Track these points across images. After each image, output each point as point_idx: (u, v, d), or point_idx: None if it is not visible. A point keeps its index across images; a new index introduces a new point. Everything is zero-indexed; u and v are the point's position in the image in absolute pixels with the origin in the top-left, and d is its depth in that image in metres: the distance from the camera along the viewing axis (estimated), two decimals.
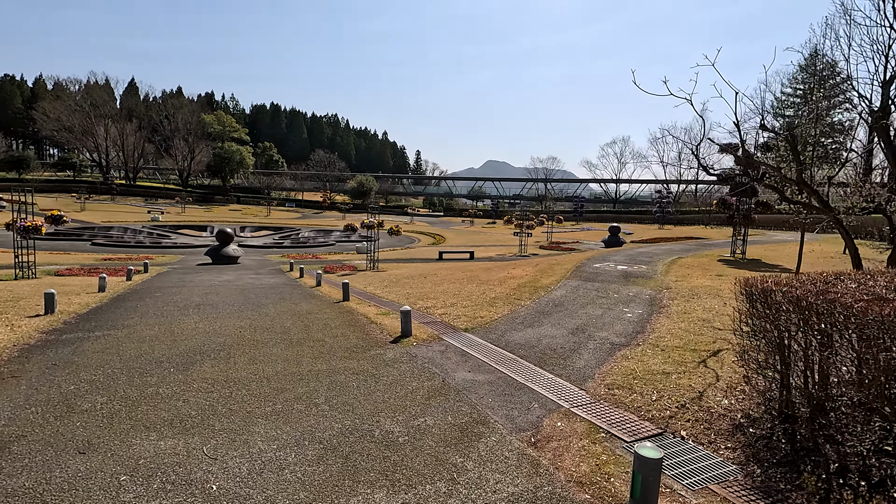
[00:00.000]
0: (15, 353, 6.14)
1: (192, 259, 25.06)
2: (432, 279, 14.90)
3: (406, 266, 22.00)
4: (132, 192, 72.54)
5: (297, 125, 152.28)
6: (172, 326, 7.88)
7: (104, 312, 9.08)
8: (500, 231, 54.67)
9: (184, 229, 45.86)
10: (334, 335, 7.48)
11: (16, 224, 15.49)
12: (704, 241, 29.11)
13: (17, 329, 7.30)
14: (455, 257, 26.71)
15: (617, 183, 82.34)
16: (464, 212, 75.69)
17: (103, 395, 4.80)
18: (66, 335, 7.14)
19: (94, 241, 32.29)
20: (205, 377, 5.41)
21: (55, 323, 7.96)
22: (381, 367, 5.96)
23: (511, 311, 9.21)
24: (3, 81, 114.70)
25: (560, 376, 5.81)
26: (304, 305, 10.27)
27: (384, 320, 8.60)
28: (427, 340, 7.28)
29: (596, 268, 14.48)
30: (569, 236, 43.78)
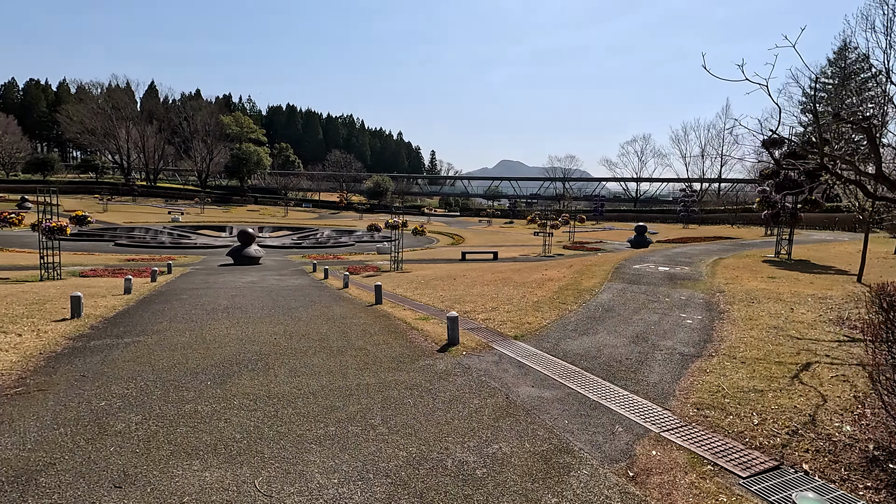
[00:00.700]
0: (41, 362, 5.72)
1: (214, 259, 24.88)
2: (463, 281, 14.33)
3: (430, 267, 21.47)
4: (153, 193, 73.40)
5: (312, 126, 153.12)
6: (203, 332, 7.44)
7: (131, 316, 8.70)
8: (518, 231, 53.88)
9: (203, 230, 46.07)
10: (376, 343, 6.95)
11: (41, 225, 15.33)
12: (738, 241, 28.03)
13: (44, 335, 6.91)
14: (478, 258, 26.11)
15: (637, 182, 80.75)
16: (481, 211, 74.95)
17: (138, 414, 4.32)
18: (94, 342, 6.73)
19: (117, 241, 32.44)
20: (245, 392, 4.91)
21: (82, 328, 7.58)
22: (435, 381, 5.39)
23: (559, 316, 8.58)
24: (28, 86, 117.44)
25: (636, 393, 5.18)
26: (336, 309, 9.77)
27: (425, 326, 8.05)
28: (476, 349, 6.70)
29: (636, 269, 13.75)
30: (591, 236, 42.84)
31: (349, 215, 71.80)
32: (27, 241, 29.34)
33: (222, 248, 32.34)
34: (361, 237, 42.42)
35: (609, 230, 50.67)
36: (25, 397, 4.61)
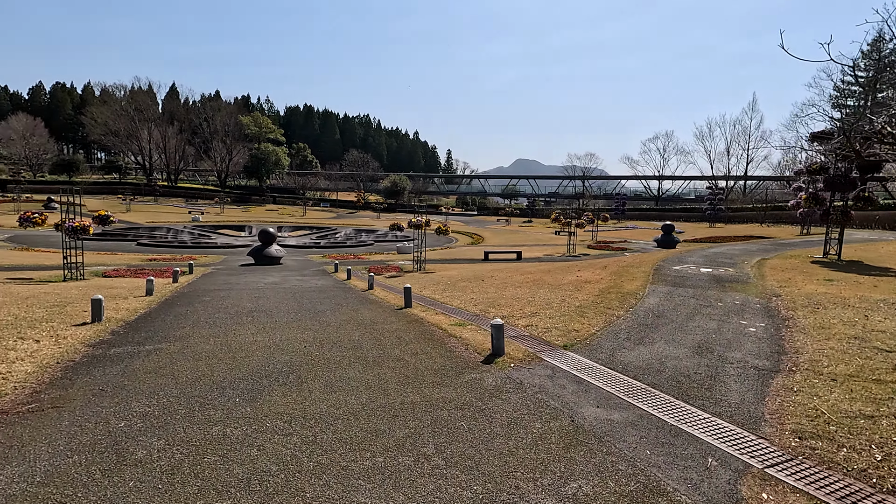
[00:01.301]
0: (58, 372, 5.29)
1: (235, 259, 24.69)
2: (492, 283, 13.72)
3: (453, 267, 20.90)
4: (174, 193, 74.31)
5: (329, 126, 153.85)
6: (228, 339, 6.97)
7: (153, 320, 8.30)
8: (538, 230, 52.95)
9: (223, 229, 46.26)
10: (414, 352, 6.39)
11: (64, 224, 15.19)
12: (774, 240, 26.83)
13: (63, 341, 6.52)
14: (501, 258, 25.45)
15: (660, 179, 78.81)
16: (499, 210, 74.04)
17: (160, 438, 3.82)
18: (115, 349, 6.30)
19: (139, 241, 32.59)
20: (278, 411, 4.38)
21: (102, 333, 7.19)
22: (487, 399, 4.80)
23: (607, 322, 7.92)
24: (54, 89, 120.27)
25: (718, 415, 4.52)
26: (364, 313, 9.25)
27: (463, 333, 7.46)
28: (524, 361, 6.09)
29: (677, 271, 12.97)
30: (614, 235, 41.77)
31: (367, 214, 71.66)
32: (52, 240, 29.60)
33: (242, 247, 32.25)
34: (381, 236, 42.07)
35: (632, 229, 49.43)
36: (38, 416, 4.16)
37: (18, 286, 12.57)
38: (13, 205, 47.86)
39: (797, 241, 24.91)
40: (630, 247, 31.93)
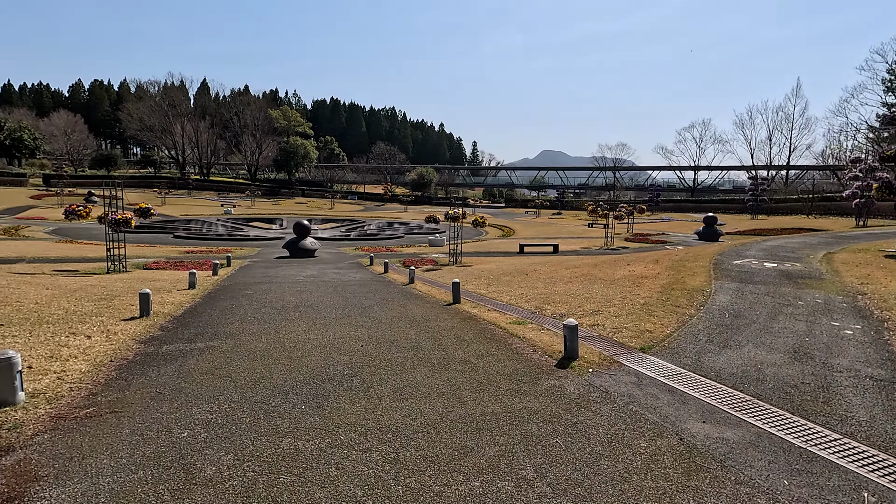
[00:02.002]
0: (112, 372, 5.03)
1: (269, 251, 24.76)
2: (537, 277, 13.14)
3: (490, 260, 20.37)
4: (206, 187, 75.81)
5: (356, 119, 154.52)
6: (280, 336, 6.65)
7: (200, 315, 8.08)
8: (569, 222, 51.79)
9: (255, 222, 46.82)
10: (479, 354, 5.92)
11: (107, 217, 15.32)
12: (830, 233, 25.28)
13: (113, 337, 6.31)
14: (538, 251, 24.77)
15: (695, 170, 75.95)
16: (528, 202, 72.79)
17: (227, 451, 3.45)
18: (166, 346, 6.04)
19: (175, 234, 33.16)
20: (349, 421, 3.98)
21: (151, 328, 6.97)
22: (575, 411, 4.29)
23: (680, 322, 7.28)
24: (93, 86, 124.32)
25: (850, 436, 3.90)
26: (413, 309, 8.84)
27: (525, 332, 6.95)
28: (603, 365, 5.55)
29: (738, 265, 12.11)
30: (650, 227, 40.38)
31: (394, 207, 71.54)
32: (94, 233, 30.38)
33: (274, 240, 32.48)
34: (410, 229, 41.83)
35: (668, 221, 47.81)
36: (97, 422, 3.86)
37: (66, 278, 12.68)
38: (56, 198, 49.57)
39: (857, 233, 23.35)
40: (669, 240, 30.73)
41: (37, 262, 16.72)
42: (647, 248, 26.29)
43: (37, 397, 4.23)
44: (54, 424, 3.78)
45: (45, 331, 6.31)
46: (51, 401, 4.19)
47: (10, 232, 29.48)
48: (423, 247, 29.62)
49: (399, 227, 42.88)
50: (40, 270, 14.58)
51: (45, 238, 28.19)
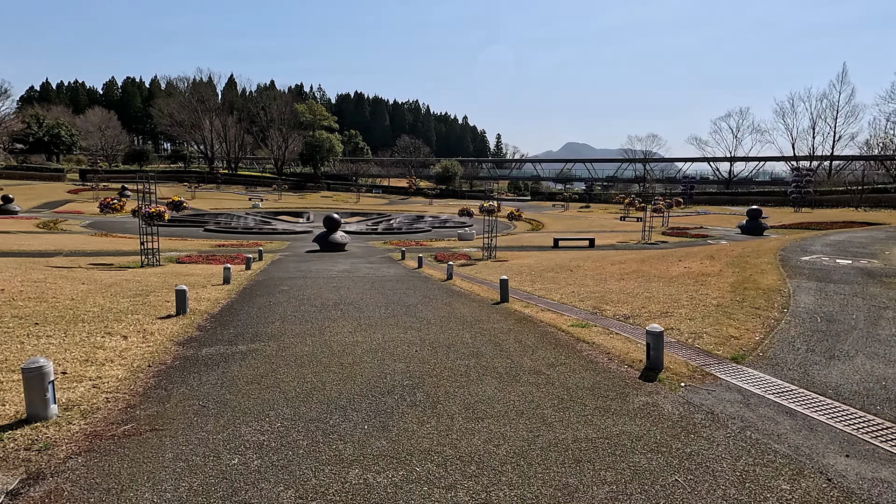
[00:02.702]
0: (151, 380, 4.58)
1: (298, 245, 24.56)
2: (583, 273, 12.39)
3: (525, 255, 19.63)
4: (234, 181, 76.81)
5: (379, 112, 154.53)
6: (326, 338, 6.14)
7: (237, 313, 7.66)
8: (599, 216, 50.35)
9: (282, 215, 46.99)
10: (548, 362, 5.27)
11: (141, 211, 15.19)
12: (892, 226, 23.62)
13: (150, 338, 5.89)
14: (573, 244, 23.91)
15: (731, 161, 72.89)
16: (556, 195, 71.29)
17: (287, 485, 2.91)
18: (206, 349, 5.59)
19: (205, 227, 33.39)
20: (421, 447, 3.40)
21: (189, 328, 6.56)
22: (684, 438, 3.61)
23: (767, 327, 6.47)
24: (125, 83, 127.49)
25: None
26: (460, 308, 8.24)
27: (591, 337, 6.27)
28: (695, 378, 4.84)
29: (808, 262, 11.10)
30: (687, 221, 38.80)
31: (418, 200, 71.13)
32: (128, 227, 30.79)
33: (302, 233, 32.38)
34: (437, 223, 41.28)
35: (704, 214, 45.93)
36: (137, 442, 3.38)
37: (101, 272, 12.55)
38: (92, 193, 50.80)
39: None
40: (710, 234, 29.32)
41: (73, 256, 16.78)
42: (687, 242, 25.09)
43: (71, 410, 3.78)
44: (90, 445, 3.31)
45: (80, 330, 5.95)
46: (86, 414, 3.74)
47: (49, 225, 30.12)
48: (452, 241, 29.01)
49: (426, 221, 42.37)
50: (76, 264, 14.55)
51: (82, 231, 28.67)
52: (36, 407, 3.53)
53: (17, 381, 4.21)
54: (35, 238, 22.49)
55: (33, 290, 8.24)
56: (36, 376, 3.50)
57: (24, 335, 5.47)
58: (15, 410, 3.70)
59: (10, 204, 34.47)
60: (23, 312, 6.44)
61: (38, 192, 49.45)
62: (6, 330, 5.57)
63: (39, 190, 51.31)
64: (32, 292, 7.98)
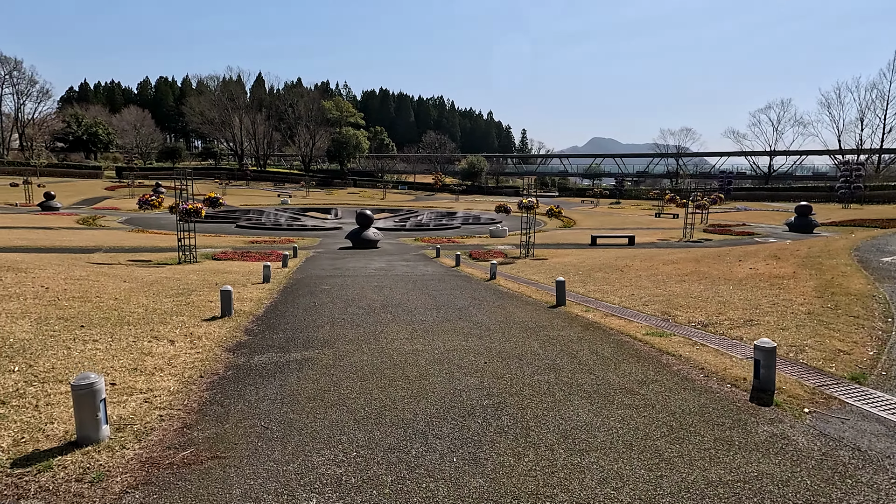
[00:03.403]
0: (205, 392, 4.18)
1: (330, 241, 24.39)
2: (636, 274, 11.65)
3: (564, 253, 18.91)
4: (263, 178, 77.81)
5: (404, 109, 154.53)
6: (382, 345, 5.67)
7: (283, 315, 7.29)
8: (631, 212, 48.88)
9: (311, 211, 47.17)
10: (637, 379, 4.67)
11: (178, 207, 15.12)
12: None
13: (198, 343, 5.54)
14: (611, 242, 23.03)
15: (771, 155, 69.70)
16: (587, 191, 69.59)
17: None
18: (258, 357, 5.19)
19: (238, 223, 33.64)
20: (527, 489, 2.86)
21: (236, 332, 6.19)
22: (841, 485, 2.98)
23: (877, 339, 5.70)
24: (158, 83, 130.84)
25: None
26: (516, 312, 7.68)
27: (674, 347, 5.62)
28: (817, 402, 4.16)
29: (890, 263, 10.12)
30: (726, 217, 37.17)
31: (444, 197, 70.64)
32: (163, 223, 31.27)
33: (332, 230, 32.32)
34: (465, 219, 40.71)
35: (743, 211, 44.02)
36: (198, 474, 2.95)
37: (140, 269, 12.46)
38: (128, 189, 52.07)
39: None
40: (755, 231, 27.91)
41: (113, 252, 16.90)
42: (732, 240, 23.88)
43: (123, 431, 3.39)
44: (147, 476, 2.90)
45: (126, 333, 5.64)
46: (139, 436, 3.34)
47: (88, 221, 30.79)
48: (484, 237, 28.42)
49: (455, 218, 41.86)
50: (116, 260, 14.57)
51: (119, 228, 29.20)
52: (87, 428, 3.15)
53: (65, 394, 3.87)
54: (76, 234, 22.90)
55: (77, 288, 8.06)
56: (87, 394, 3.11)
57: (70, 339, 5.17)
58: (64, 430, 3.33)
59: (52, 200, 35.45)
60: (68, 313, 6.19)
61: (77, 188, 50.94)
62: (52, 333, 5.29)
63: (79, 187, 52.87)
64: (76, 291, 7.79)
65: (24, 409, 3.57)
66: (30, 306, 6.33)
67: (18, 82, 71.85)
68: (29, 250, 15.70)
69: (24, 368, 4.25)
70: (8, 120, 73.68)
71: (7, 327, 5.28)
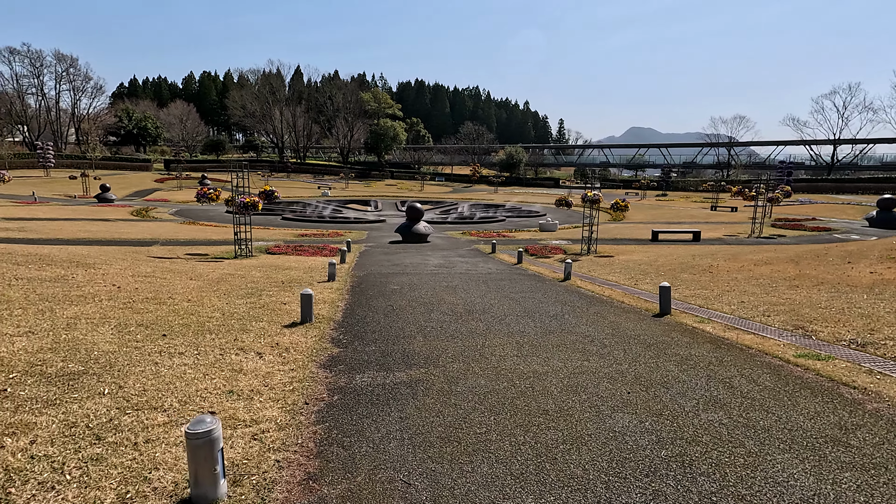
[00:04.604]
0: (317, 427, 3.55)
1: (377, 235, 23.98)
2: (731, 276, 10.52)
3: (628, 250, 17.76)
4: (303, 170, 78.76)
5: (440, 99, 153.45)
6: (493, 363, 4.95)
7: (365, 321, 6.68)
8: (683, 205, 46.55)
9: (351, 204, 47.14)
10: (832, 422, 3.75)
11: (235, 200, 14.88)
12: None
13: (288, 357, 4.96)
14: (674, 238, 21.62)
15: (835, 144, 65.00)
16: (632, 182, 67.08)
17: None
18: (358, 376, 4.56)
19: (283, 216, 33.75)
20: None
21: (322, 342, 5.61)
22: None
23: None
24: (202, 77, 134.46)
25: None
26: (619, 321, 6.81)
27: (852, 377, 4.64)
28: None
29: None
30: (792, 211, 34.67)
31: (482, 189, 69.53)
32: (211, 214, 31.72)
33: (375, 223, 31.97)
34: (508, 212, 39.71)
35: (810, 204, 41.09)
36: None
37: (201, 264, 12.22)
38: (176, 182, 53.53)
39: None
40: (831, 227, 25.77)
41: (169, 245, 16.92)
42: (810, 237, 22.05)
43: (241, 484, 2.78)
44: None
45: (210, 344, 5.12)
46: (261, 493, 2.72)
47: (142, 213, 31.54)
48: (532, 231, 27.41)
49: (497, 210, 40.88)
50: (174, 254, 14.48)
51: (170, 219, 29.74)
52: (203, 485, 2.54)
53: (164, 425, 3.32)
54: (132, 226, 23.32)
55: (148, 288, 7.71)
56: (205, 444, 2.50)
57: (155, 352, 4.68)
58: (172, 481, 2.75)
59: (108, 193, 36.57)
60: (146, 319, 5.75)
61: (129, 181, 52.74)
62: (136, 345, 4.82)
63: (130, 179, 54.76)
64: (148, 291, 7.43)
65: (123, 448, 3.02)
66: (107, 310, 5.93)
67: (74, 79, 75.08)
68: (91, 243, 15.86)
69: (115, 391, 3.74)
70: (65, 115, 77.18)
71: (89, 336, 4.84)
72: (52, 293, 6.51)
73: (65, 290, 6.75)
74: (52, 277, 7.66)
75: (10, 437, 2.98)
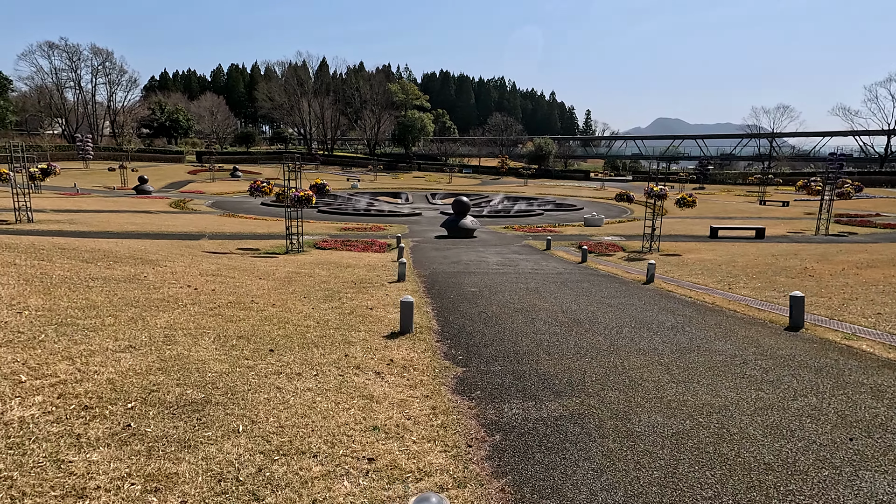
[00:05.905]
0: (496, 479, 2.89)
1: (418, 229, 23.41)
2: (840, 280, 9.54)
3: (691, 247, 16.75)
4: (331, 161, 78.76)
5: (465, 90, 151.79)
6: (652, 392, 4.23)
7: (466, 332, 6.04)
8: (725, 198, 44.64)
9: (381, 196, 46.73)
10: None
11: (287, 194, 14.44)
12: None
13: (413, 379, 4.34)
14: (735, 234, 20.47)
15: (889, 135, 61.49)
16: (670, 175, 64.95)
17: None
18: (506, 408, 3.90)
19: (318, 208, 33.43)
20: None
21: (437, 358, 4.98)
22: None
23: None
24: (231, 70, 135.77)
25: None
26: (751, 335, 6.01)
27: None
28: None
29: None
30: (851, 206, 32.77)
31: (511, 181, 68.25)
32: (246, 206, 31.69)
33: (410, 215, 31.47)
34: (543, 204, 38.71)
35: (869, 199, 38.84)
36: None
37: (259, 260, 11.79)
38: (209, 173, 54.00)
39: None
40: None
41: (217, 238, 16.64)
42: (884, 234, 20.57)
43: None
44: None
45: (320, 360, 4.55)
46: None
47: (180, 205, 31.65)
48: (578, 226, 26.47)
49: (532, 203, 39.90)
50: (225, 248, 14.15)
51: (209, 211, 29.73)
52: None
53: (323, 477, 2.72)
54: (174, 218, 23.25)
55: (223, 289, 7.23)
56: None
57: (271, 373, 4.10)
58: None
59: (146, 184, 36.89)
60: (242, 329, 5.20)
61: (163, 172, 53.41)
62: (247, 363, 4.24)
63: (164, 171, 55.46)
64: (225, 293, 6.93)
65: None
66: (197, 317, 5.42)
67: (110, 72, 76.46)
68: (140, 236, 15.67)
69: (249, 427, 3.16)
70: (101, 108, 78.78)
71: (194, 353, 4.30)
72: (133, 296, 6.04)
73: (144, 293, 6.29)
74: (125, 277, 7.24)
75: (155, 496, 2.41)
